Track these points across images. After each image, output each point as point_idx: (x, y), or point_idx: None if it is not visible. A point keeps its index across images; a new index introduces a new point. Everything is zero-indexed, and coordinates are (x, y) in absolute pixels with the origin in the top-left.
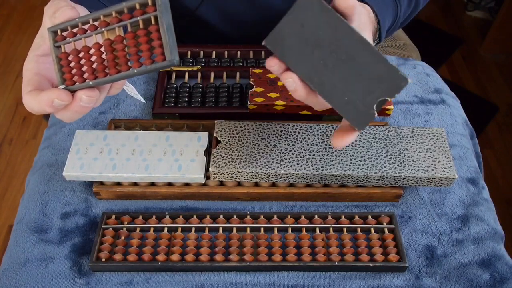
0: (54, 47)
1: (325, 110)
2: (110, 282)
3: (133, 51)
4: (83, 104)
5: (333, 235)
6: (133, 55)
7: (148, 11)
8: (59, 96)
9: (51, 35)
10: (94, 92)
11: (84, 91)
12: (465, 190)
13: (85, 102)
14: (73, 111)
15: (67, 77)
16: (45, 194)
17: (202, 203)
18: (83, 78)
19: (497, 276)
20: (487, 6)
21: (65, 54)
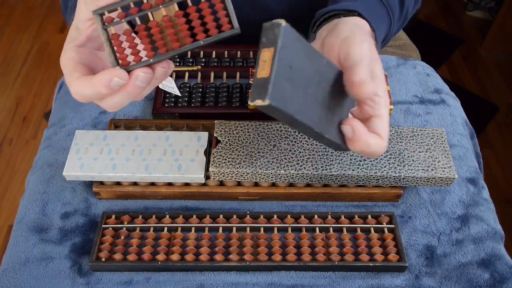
0: (103, 30)
1: None
2: (110, 281)
3: (197, 23)
4: (139, 83)
5: (333, 235)
6: (196, 27)
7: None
8: (119, 75)
9: (98, 18)
10: (150, 70)
11: (141, 69)
12: (465, 190)
13: (141, 80)
14: (126, 92)
15: (122, 58)
16: (45, 194)
17: (202, 203)
18: (139, 57)
19: (497, 276)
20: (487, 6)
21: (116, 35)
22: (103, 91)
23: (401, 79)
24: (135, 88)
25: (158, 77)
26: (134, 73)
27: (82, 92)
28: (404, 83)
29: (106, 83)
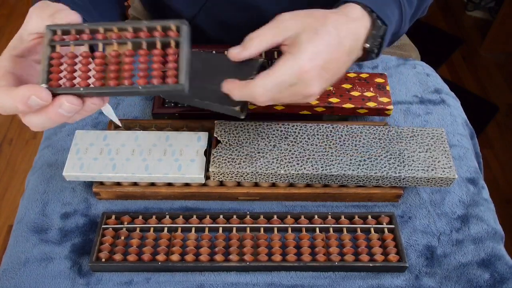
0: (48, 46)
1: (325, 110)
2: (110, 282)
3: (143, 67)
4: (62, 111)
5: (333, 235)
6: (141, 71)
7: (171, 35)
8: (38, 93)
9: (48, 32)
10: (78, 101)
11: (68, 97)
12: (465, 190)
13: (65, 109)
14: (47, 117)
15: (53, 78)
16: (45, 194)
17: (202, 203)
18: (72, 83)
19: (497, 276)
20: (487, 6)
21: (58, 55)
22: (20, 107)
23: (401, 79)
24: (57, 115)
25: (87, 110)
26: (59, 99)
27: (1, 102)
28: (404, 83)
29: (24, 99)
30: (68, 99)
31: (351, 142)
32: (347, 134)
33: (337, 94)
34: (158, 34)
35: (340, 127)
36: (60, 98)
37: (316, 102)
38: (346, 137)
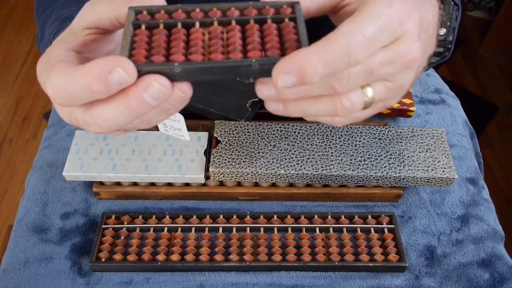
0: (131, 24)
1: None
2: (110, 282)
3: (254, 39)
4: (148, 96)
5: (333, 235)
6: (251, 43)
7: (284, 12)
8: (124, 65)
9: (131, 13)
10: (168, 84)
11: (157, 76)
12: (465, 190)
13: (153, 94)
14: (126, 105)
15: (137, 53)
16: (45, 194)
17: (202, 203)
18: (163, 58)
19: (497, 276)
20: (487, 6)
21: (143, 31)
22: (95, 86)
23: None
24: (140, 103)
25: (172, 103)
26: (145, 79)
27: (62, 85)
28: None
29: (103, 73)
30: (158, 79)
31: (351, 142)
32: (347, 134)
33: None
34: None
35: (340, 127)
36: (146, 78)
37: None
38: (346, 137)
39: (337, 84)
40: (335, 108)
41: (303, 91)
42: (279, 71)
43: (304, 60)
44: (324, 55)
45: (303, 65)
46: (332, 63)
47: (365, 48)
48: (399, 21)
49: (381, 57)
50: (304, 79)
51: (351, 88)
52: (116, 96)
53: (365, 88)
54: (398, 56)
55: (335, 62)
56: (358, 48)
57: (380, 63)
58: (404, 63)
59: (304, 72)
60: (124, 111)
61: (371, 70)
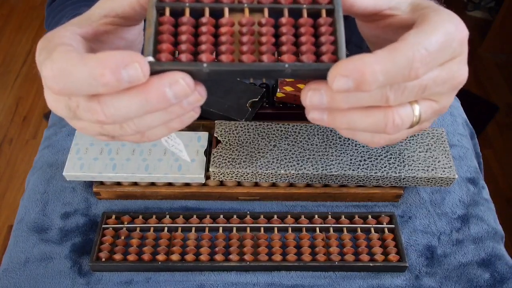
0: (154, 7)
1: None
2: (110, 282)
3: (288, 40)
4: (170, 93)
5: (333, 235)
6: (285, 45)
7: (321, 1)
8: (141, 63)
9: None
10: (193, 83)
11: (185, 75)
12: (465, 190)
13: (177, 91)
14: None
15: (164, 49)
16: (45, 194)
17: (202, 203)
18: (190, 56)
19: (497, 276)
20: (487, 6)
21: (169, 20)
22: (107, 77)
23: None
24: (160, 97)
25: (185, 106)
26: (172, 75)
27: (66, 69)
28: None
29: (119, 66)
30: (185, 77)
31: (351, 142)
32: None
33: None
34: (304, 1)
35: None
36: (173, 74)
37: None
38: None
39: (391, 95)
40: (386, 124)
41: (356, 100)
42: (337, 72)
43: (365, 66)
44: (386, 64)
45: (363, 71)
46: (392, 74)
47: (427, 63)
48: (460, 41)
49: (436, 75)
50: (361, 86)
51: (403, 101)
52: (136, 88)
53: (413, 105)
54: (451, 76)
55: (396, 73)
56: (420, 62)
57: (434, 80)
58: (455, 84)
59: (363, 78)
60: (139, 102)
61: (425, 87)
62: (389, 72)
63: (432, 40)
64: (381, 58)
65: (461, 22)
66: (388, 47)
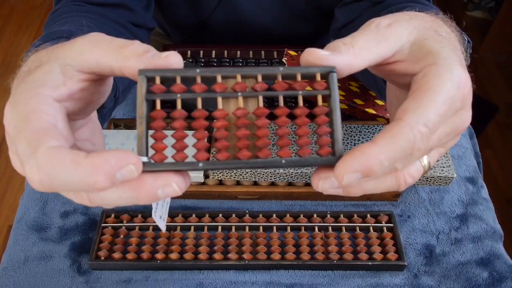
0: (145, 100)
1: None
2: (109, 280)
3: (283, 132)
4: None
5: (332, 234)
6: (281, 138)
7: (317, 87)
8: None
9: (143, 80)
10: (186, 181)
11: (179, 177)
12: (464, 190)
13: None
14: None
15: (158, 148)
16: (45, 193)
17: (201, 202)
18: (184, 155)
19: (495, 275)
20: (487, 6)
21: (160, 114)
22: (101, 183)
23: None
24: (151, 197)
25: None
26: (165, 177)
27: (57, 174)
28: None
29: (114, 170)
30: (178, 182)
31: (350, 141)
32: (347, 133)
33: (362, 97)
34: (297, 86)
35: None
36: (168, 177)
37: (340, 97)
38: (346, 136)
39: (399, 165)
40: (398, 186)
41: (367, 183)
42: (345, 171)
43: (370, 159)
44: (389, 152)
45: (369, 164)
46: (397, 157)
47: (429, 137)
48: (463, 98)
49: (439, 133)
50: (369, 175)
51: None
52: (125, 184)
53: (422, 158)
54: (455, 128)
55: (400, 156)
56: (422, 140)
57: (438, 139)
58: (461, 131)
59: (370, 169)
60: (129, 197)
61: (431, 147)
62: (393, 157)
63: (431, 115)
64: (383, 147)
65: (464, 74)
66: (388, 130)
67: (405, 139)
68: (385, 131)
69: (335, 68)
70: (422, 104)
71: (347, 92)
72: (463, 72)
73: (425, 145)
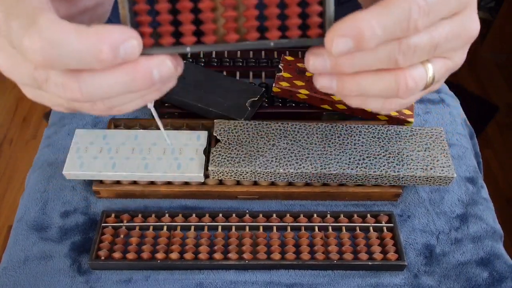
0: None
1: (346, 109)
2: (109, 280)
3: (272, 12)
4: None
5: (332, 233)
6: (269, 19)
7: None
8: (138, 39)
9: None
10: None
11: (172, 57)
12: (464, 189)
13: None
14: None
15: (145, 32)
16: (45, 193)
17: (201, 202)
18: (172, 38)
19: (495, 275)
20: (487, 6)
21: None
22: (105, 53)
23: None
24: (146, 77)
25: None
26: (159, 57)
27: (59, 40)
28: None
29: (118, 42)
30: (172, 59)
31: (350, 141)
32: (346, 133)
33: None
34: None
35: (339, 126)
36: (160, 55)
37: (339, 98)
38: (345, 136)
39: (401, 58)
40: (398, 88)
41: (362, 61)
42: (334, 34)
43: (362, 22)
44: (383, 18)
45: (360, 27)
46: (391, 27)
47: (427, 13)
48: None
49: (447, 30)
50: (361, 43)
51: (414, 62)
52: (121, 66)
53: (425, 64)
54: (463, 29)
55: (395, 27)
56: (419, 13)
57: (446, 36)
58: (467, 38)
59: (361, 35)
60: (125, 82)
61: (437, 44)
62: (387, 26)
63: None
64: (376, 13)
65: None
66: (381, 1)
67: (399, 7)
68: (379, 2)
69: None
70: None
71: None
72: None
73: (423, 23)
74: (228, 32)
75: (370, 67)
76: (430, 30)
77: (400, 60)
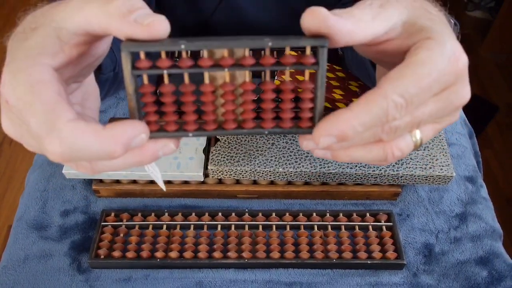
0: (132, 76)
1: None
2: (109, 278)
3: (267, 105)
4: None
5: (331, 232)
6: (265, 112)
7: (305, 62)
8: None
9: (127, 56)
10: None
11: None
12: (463, 189)
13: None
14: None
15: (149, 121)
16: (45, 192)
17: (200, 201)
18: (176, 125)
19: (495, 274)
20: (487, 6)
21: (149, 88)
22: (119, 152)
23: None
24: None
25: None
26: (162, 141)
27: (80, 147)
28: None
29: (130, 140)
30: (173, 141)
31: None
32: None
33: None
34: (287, 61)
35: None
36: (164, 139)
37: (339, 97)
38: None
39: (384, 136)
40: (386, 157)
41: (349, 143)
42: (320, 134)
43: (344, 123)
44: (363, 117)
45: (342, 129)
46: (370, 123)
47: (405, 108)
48: (454, 73)
49: (431, 108)
50: (343, 139)
51: (399, 137)
52: (132, 150)
53: (413, 131)
54: (450, 103)
55: (374, 122)
56: (396, 110)
57: (429, 113)
58: (456, 107)
59: (343, 133)
60: (132, 163)
61: (420, 121)
62: (366, 123)
63: (410, 86)
64: (356, 113)
65: (457, 51)
66: (364, 97)
67: (378, 106)
68: (361, 98)
69: (326, 43)
70: (403, 74)
71: (347, 91)
72: (456, 45)
73: (401, 116)
74: (226, 121)
75: (358, 144)
76: (412, 112)
77: (384, 138)
